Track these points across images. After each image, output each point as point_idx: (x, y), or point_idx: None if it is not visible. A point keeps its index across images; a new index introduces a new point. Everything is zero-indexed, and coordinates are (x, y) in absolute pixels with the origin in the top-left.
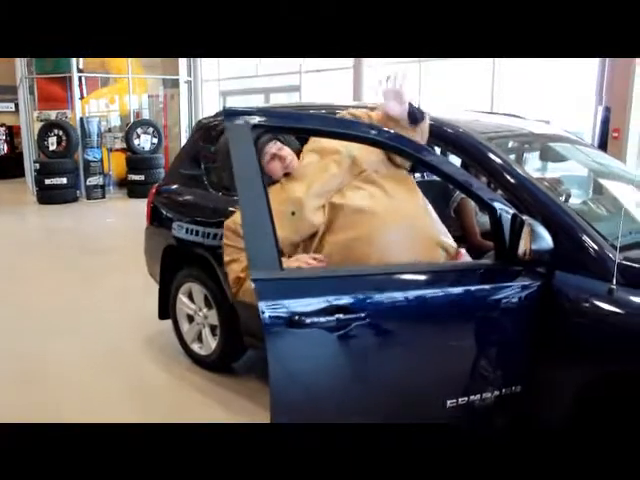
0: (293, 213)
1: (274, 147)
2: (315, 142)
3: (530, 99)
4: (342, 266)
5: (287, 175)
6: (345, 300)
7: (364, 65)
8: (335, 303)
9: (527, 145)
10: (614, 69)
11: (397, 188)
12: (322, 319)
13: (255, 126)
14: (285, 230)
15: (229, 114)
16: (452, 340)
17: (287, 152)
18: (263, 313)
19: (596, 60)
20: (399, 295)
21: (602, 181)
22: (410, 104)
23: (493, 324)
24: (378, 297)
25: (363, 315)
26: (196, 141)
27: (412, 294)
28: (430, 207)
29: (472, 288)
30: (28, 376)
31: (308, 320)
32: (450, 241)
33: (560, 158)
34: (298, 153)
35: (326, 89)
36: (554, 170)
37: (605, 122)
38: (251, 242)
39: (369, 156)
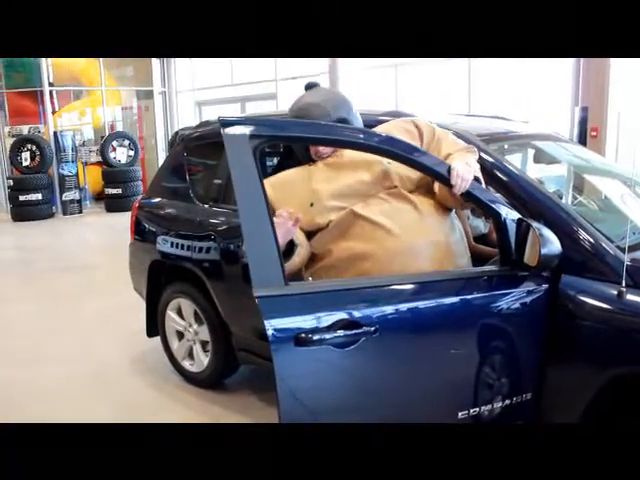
0: (311, 204)
1: None
2: None
3: (506, 101)
4: (342, 275)
5: (324, 158)
6: (353, 314)
7: (339, 71)
8: (342, 318)
9: (517, 147)
10: (589, 69)
11: (429, 208)
12: (329, 335)
13: (253, 136)
14: (302, 221)
15: (225, 124)
16: (462, 350)
17: None
18: (269, 332)
19: (571, 62)
20: (408, 306)
21: (595, 180)
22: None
23: (503, 332)
24: (387, 309)
25: (372, 329)
26: (179, 153)
27: (421, 304)
28: (460, 241)
29: (483, 296)
30: (8, 405)
31: (315, 337)
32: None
33: (553, 159)
34: None
35: None
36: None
37: (583, 122)
38: (254, 258)
39: (407, 174)
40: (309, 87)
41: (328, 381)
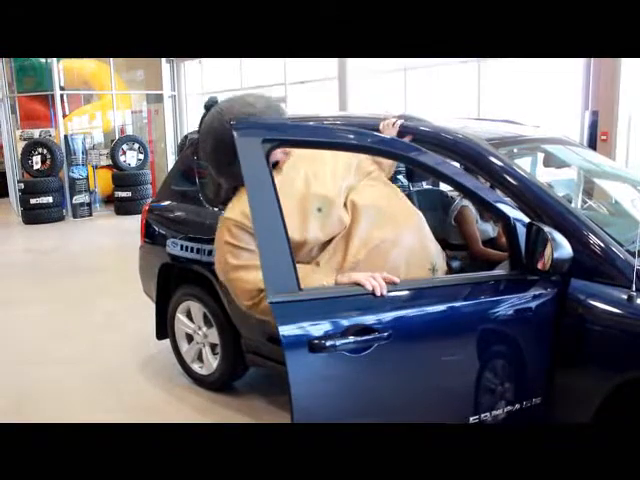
0: (319, 210)
1: None
2: None
3: (516, 105)
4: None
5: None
6: (366, 319)
7: (349, 75)
8: (356, 323)
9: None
10: (599, 72)
11: (396, 188)
12: (343, 341)
13: (266, 140)
14: (312, 230)
15: (237, 128)
16: (474, 354)
17: None
18: (282, 337)
19: (581, 65)
20: (421, 311)
21: (605, 184)
22: None
23: (513, 336)
24: (400, 314)
25: (386, 335)
26: (188, 157)
27: (434, 309)
28: None
29: (494, 300)
30: (19, 404)
31: (328, 343)
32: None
33: (563, 163)
34: None
35: (311, 100)
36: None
37: (593, 126)
38: (268, 263)
39: (367, 161)
40: (213, 103)
41: (342, 387)
